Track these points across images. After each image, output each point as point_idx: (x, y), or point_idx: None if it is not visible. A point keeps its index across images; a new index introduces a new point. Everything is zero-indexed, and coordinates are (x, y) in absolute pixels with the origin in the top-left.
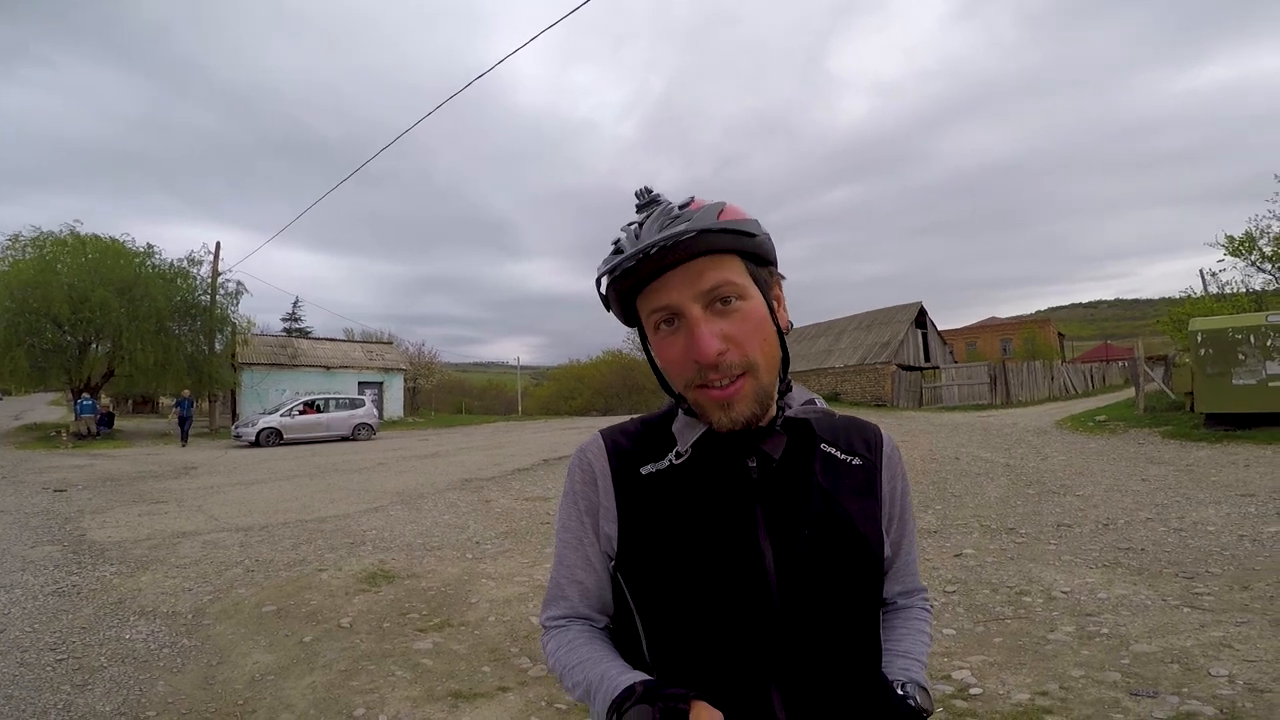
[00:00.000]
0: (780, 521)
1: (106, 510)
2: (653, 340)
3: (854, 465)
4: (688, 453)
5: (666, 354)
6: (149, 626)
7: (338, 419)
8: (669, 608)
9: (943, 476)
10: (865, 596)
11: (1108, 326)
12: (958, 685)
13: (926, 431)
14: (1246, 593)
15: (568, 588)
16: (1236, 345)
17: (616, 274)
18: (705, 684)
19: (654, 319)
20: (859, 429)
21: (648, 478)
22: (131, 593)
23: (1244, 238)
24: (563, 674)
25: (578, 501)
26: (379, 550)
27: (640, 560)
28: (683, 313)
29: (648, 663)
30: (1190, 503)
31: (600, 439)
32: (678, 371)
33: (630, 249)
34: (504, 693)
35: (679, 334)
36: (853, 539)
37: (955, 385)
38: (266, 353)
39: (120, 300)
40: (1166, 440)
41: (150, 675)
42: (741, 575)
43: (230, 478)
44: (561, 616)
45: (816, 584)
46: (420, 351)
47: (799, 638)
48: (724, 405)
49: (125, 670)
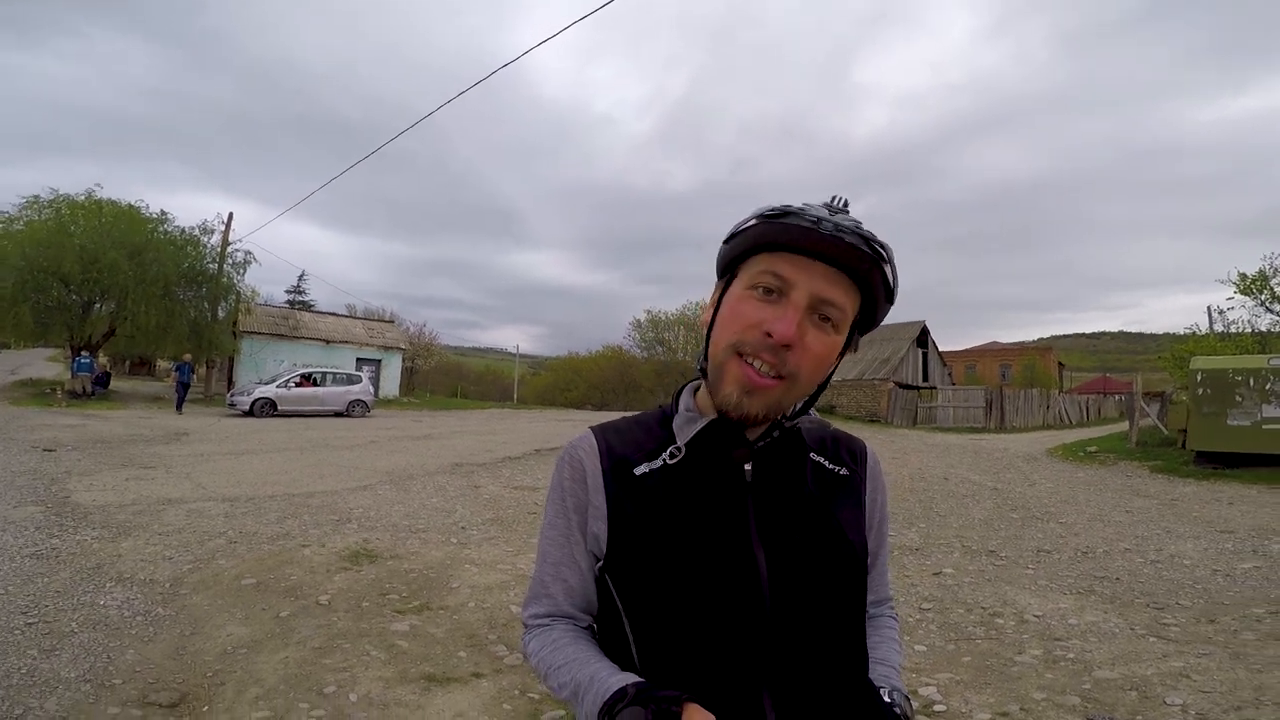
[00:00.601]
0: (773, 526)
1: (94, 473)
2: (737, 292)
3: (841, 475)
4: (682, 453)
5: (743, 310)
6: (125, 593)
7: (333, 394)
8: (660, 610)
9: (930, 496)
10: (853, 603)
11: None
12: (923, 701)
13: (918, 450)
14: (1212, 625)
15: (552, 585)
16: (1235, 387)
17: (780, 223)
18: (696, 686)
19: (762, 280)
20: (846, 441)
21: (640, 478)
22: (111, 558)
23: (1256, 276)
24: (547, 673)
25: (565, 498)
26: (364, 529)
27: (631, 562)
28: (791, 295)
29: (635, 664)
30: (1170, 536)
31: (592, 436)
32: (738, 330)
33: (820, 215)
34: (478, 679)
35: (770, 305)
36: (842, 546)
37: (951, 407)
38: (268, 322)
39: (130, 263)
40: (1154, 474)
41: (120, 643)
42: (735, 579)
43: (221, 446)
44: (545, 615)
45: (808, 589)
46: (421, 332)
47: (791, 642)
48: (747, 389)
49: (95, 637)
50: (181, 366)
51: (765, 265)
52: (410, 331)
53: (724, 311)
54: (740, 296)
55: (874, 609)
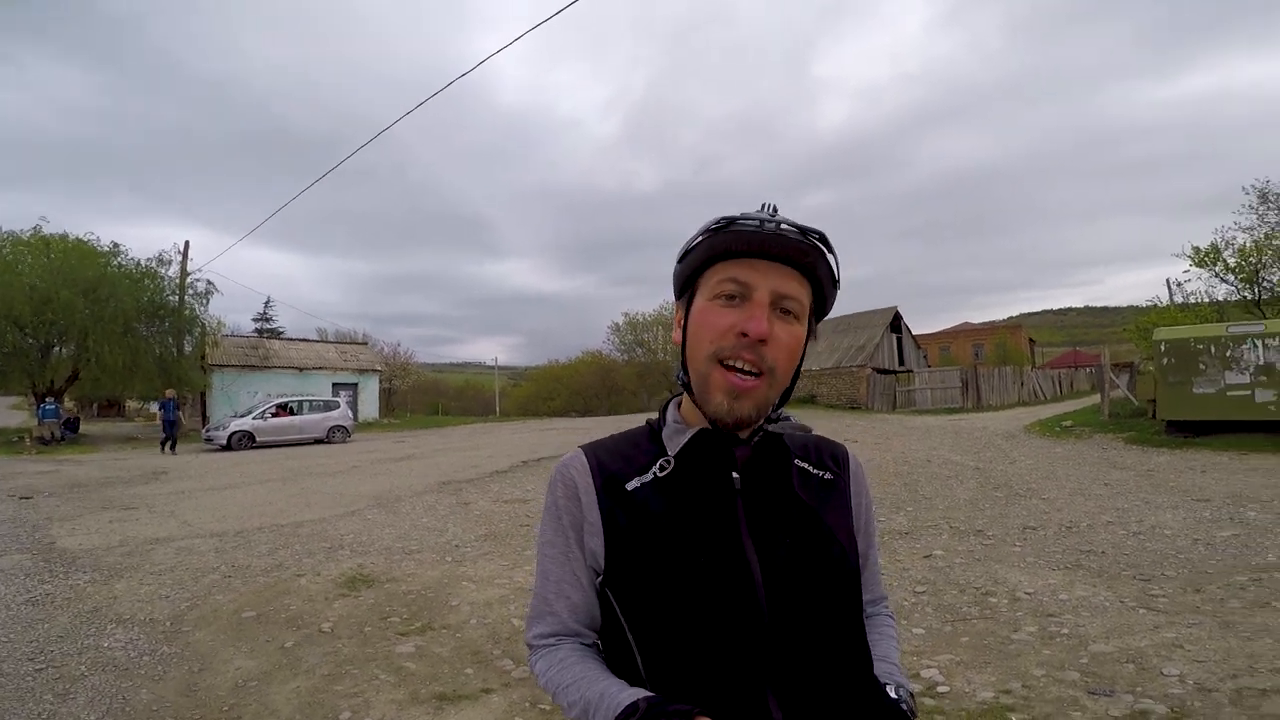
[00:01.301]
0: (764, 530)
1: (76, 517)
2: (702, 304)
3: (826, 479)
4: (671, 464)
5: (713, 319)
6: (127, 634)
7: (311, 421)
8: (662, 620)
9: (914, 479)
10: (849, 603)
11: (1077, 333)
12: (926, 683)
13: (900, 434)
14: (1198, 595)
15: (555, 603)
16: (1198, 355)
17: (727, 231)
18: (703, 694)
19: (722, 287)
20: (828, 447)
21: (632, 492)
22: (107, 600)
23: (1209, 249)
24: (556, 692)
25: (561, 517)
26: (357, 554)
27: (630, 575)
28: (753, 296)
29: (642, 677)
30: (1149, 507)
31: (582, 454)
32: (714, 338)
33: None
34: (488, 694)
35: (736, 310)
36: (832, 547)
37: (928, 389)
38: (237, 354)
39: (85, 301)
40: (1129, 446)
41: (133, 683)
42: (730, 583)
43: (202, 482)
44: (550, 634)
45: (803, 591)
46: (396, 352)
47: (790, 644)
48: (734, 394)
49: (106, 679)
50: (166, 404)
51: (723, 274)
52: (385, 352)
53: (694, 325)
54: (706, 308)
55: (870, 608)
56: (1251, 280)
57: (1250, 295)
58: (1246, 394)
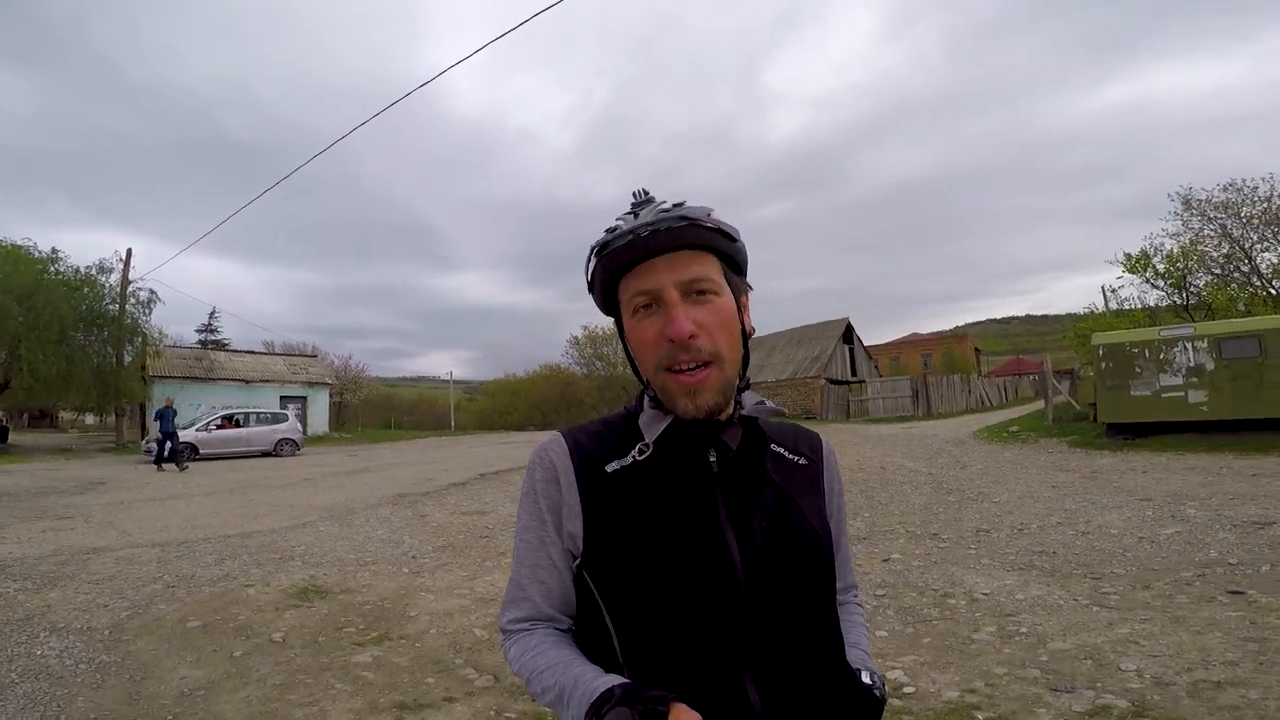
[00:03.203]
0: (741, 512)
1: (5, 526)
2: (629, 324)
3: (801, 464)
4: (650, 449)
5: (642, 335)
6: (62, 642)
7: (259, 434)
8: (640, 602)
9: (870, 485)
10: (823, 586)
11: (1020, 341)
12: (892, 684)
13: (854, 443)
14: (1147, 591)
15: (530, 588)
16: (1133, 359)
17: (607, 253)
18: (680, 676)
19: (635, 302)
20: (804, 434)
21: (612, 475)
22: (40, 609)
23: (1140, 256)
24: (530, 678)
25: (539, 500)
26: (309, 566)
27: (608, 557)
28: (662, 297)
29: (619, 662)
30: (1095, 508)
31: (562, 438)
32: (650, 353)
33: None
34: (451, 703)
35: (655, 317)
36: (806, 531)
37: (880, 398)
38: (180, 365)
39: (20, 308)
40: (1073, 449)
41: (68, 691)
42: (709, 564)
43: (142, 493)
44: (525, 619)
45: (780, 573)
46: (347, 365)
47: (768, 625)
48: (691, 392)
49: (39, 686)
50: (164, 413)
51: (629, 289)
52: (335, 365)
53: (631, 344)
54: (632, 326)
55: (841, 595)
56: (1180, 285)
57: (1180, 300)
58: (1180, 395)
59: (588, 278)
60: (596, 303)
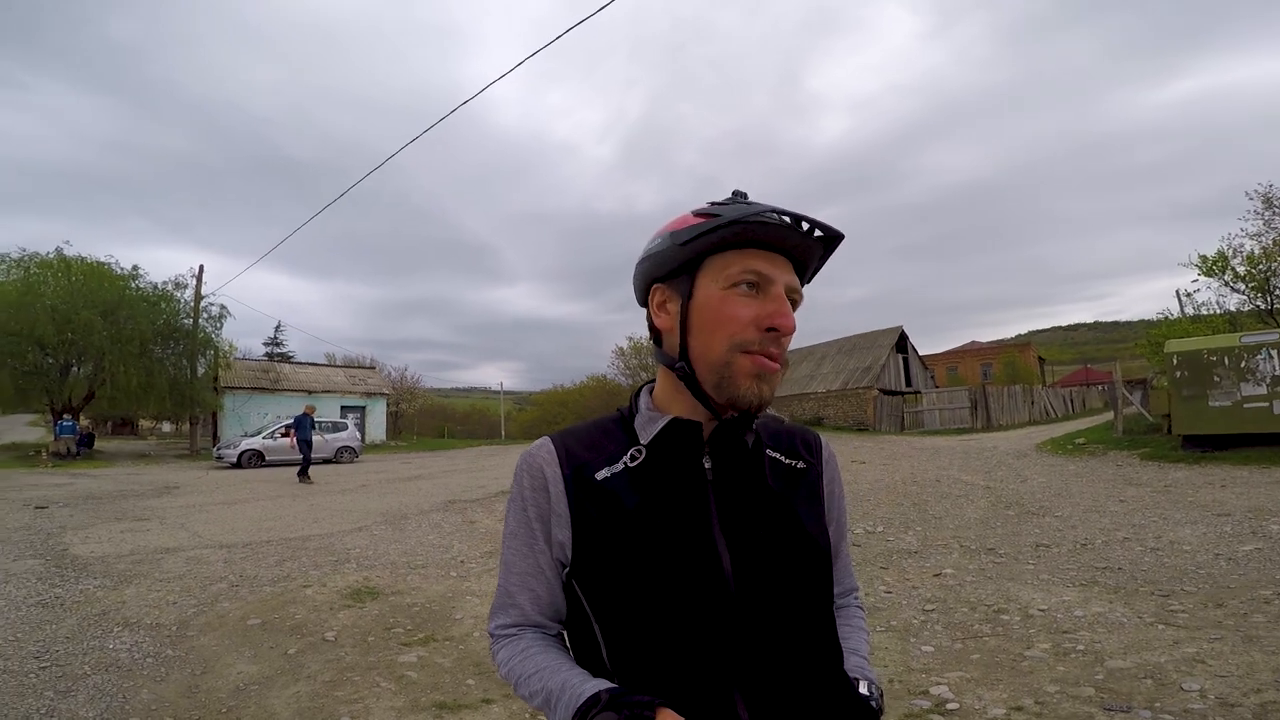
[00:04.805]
0: (735, 522)
1: (89, 526)
2: (719, 293)
3: (798, 469)
4: (643, 454)
5: (736, 311)
6: (133, 637)
7: (319, 442)
8: (628, 613)
9: (923, 499)
10: (819, 595)
11: (1088, 350)
12: (935, 700)
13: (908, 455)
14: (1220, 610)
15: (518, 595)
16: (1212, 367)
17: (749, 221)
18: (668, 690)
19: (741, 277)
20: (801, 435)
21: (602, 483)
22: (115, 605)
23: (1217, 257)
24: (518, 682)
25: (527, 508)
26: (363, 568)
27: (597, 567)
28: (773, 290)
29: (607, 669)
30: (1167, 523)
31: (549, 443)
32: (737, 330)
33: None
34: (488, 704)
35: (757, 299)
36: (803, 540)
37: (936, 410)
38: (248, 377)
39: (104, 323)
40: (1145, 462)
41: (134, 683)
42: (699, 575)
43: (212, 497)
44: (513, 625)
45: (773, 584)
46: (403, 376)
47: (759, 638)
48: (763, 377)
49: (109, 678)
50: (302, 420)
51: (741, 264)
52: (392, 377)
53: (705, 314)
54: (722, 297)
55: (840, 599)
56: (1263, 288)
57: (1263, 304)
58: (1264, 405)
59: (700, 230)
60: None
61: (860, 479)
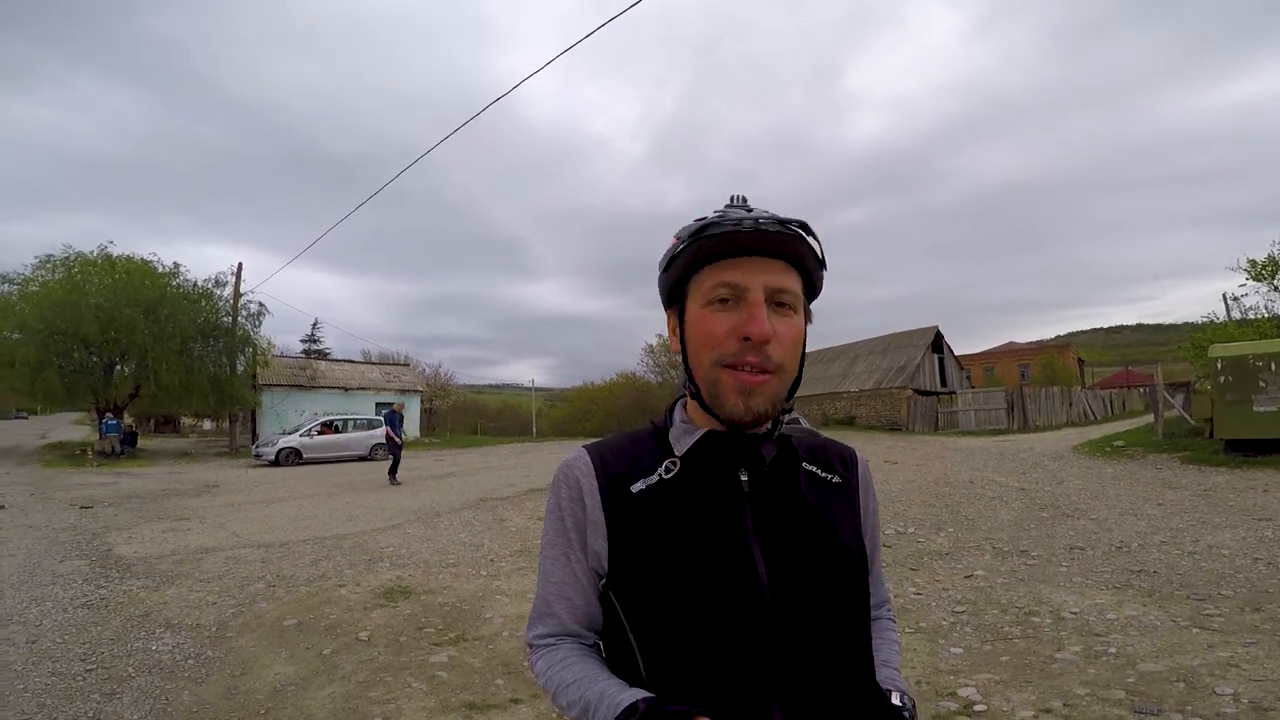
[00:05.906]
0: (771, 533)
1: (132, 526)
2: (698, 313)
3: (834, 483)
4: (678, 466)
5: (711, 327)
6: (175, 638)
7: (355, 439)
8: (665, 624)
9: (956, 500)
10: (855, 608)
11: (1130, 352)
12: (963, 702)
13: (941, 456)
14: (1257, 614)
15: (556, 604)
16: (1257, 372)
17: (708, 235)
18: (704, 700)
19: (713, 293)
20: (836, 449)
21: (638, 495)
22: (158, 606)
23: (1266, 262)
24: (556, 692)
25: (564, 518)
26: (396, 567)
27: (634, 578)
28: (747, 296)
29: (644, 680)
30: (1206, 527)
31: (586, 455)
32: (715, 344)
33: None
34: (516, 704)
35: (731, 313)
36: (840, 551)
37: (972, 410)
38: (286, 374)
39: (146, 321)
40: (1185, 466)
41: (176, 685)
42: (736, 587)
43: (251, 496)
44: (550, 634)
45: (809, 595)
46: (436, 373)
47: (796, 649)
48: (747, 392)
49: (152, 680)
50: (391, 417)
51: (712, 279)
52: (426, 373)
53: (692, 334)
54: (700, 315)
55: (873, 612)
56: None
57: None
58: None
59: (671, 254)
60: (663, 288)
61: (892, 479)
